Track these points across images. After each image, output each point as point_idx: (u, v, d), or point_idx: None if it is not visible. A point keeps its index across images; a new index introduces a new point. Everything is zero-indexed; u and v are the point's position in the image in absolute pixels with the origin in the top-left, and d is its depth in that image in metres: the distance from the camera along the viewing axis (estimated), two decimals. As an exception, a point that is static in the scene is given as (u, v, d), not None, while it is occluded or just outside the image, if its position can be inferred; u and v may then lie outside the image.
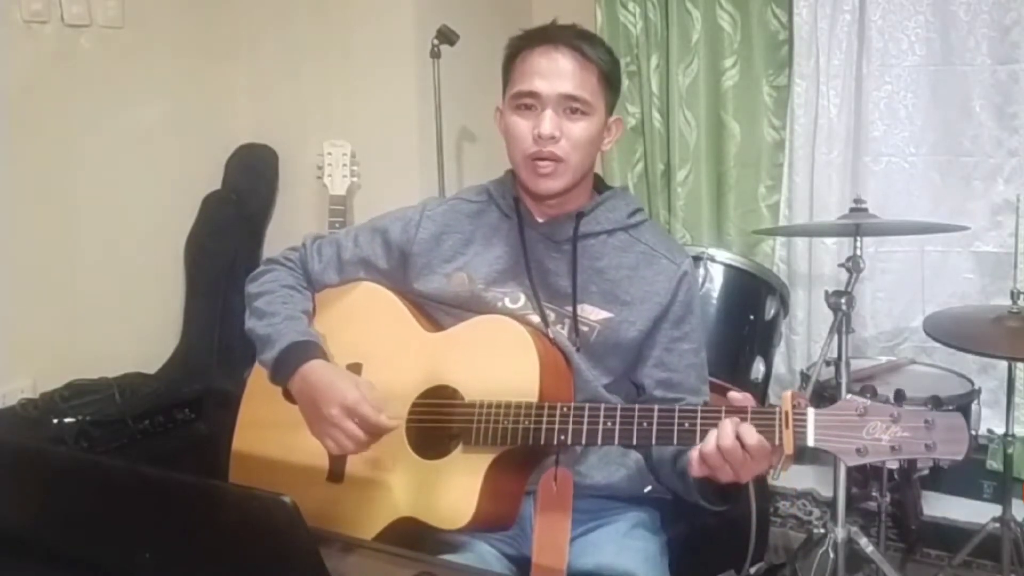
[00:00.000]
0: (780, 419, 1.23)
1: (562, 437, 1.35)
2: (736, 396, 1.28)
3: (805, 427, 1.21)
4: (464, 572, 1.34)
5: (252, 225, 3.01)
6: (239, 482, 1.56)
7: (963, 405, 2.29)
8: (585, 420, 1.34)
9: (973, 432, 2.33)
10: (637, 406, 1.34)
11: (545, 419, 1.36)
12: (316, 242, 1.72)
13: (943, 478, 2.58)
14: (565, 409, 1.35)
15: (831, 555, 2.18)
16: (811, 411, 1.22)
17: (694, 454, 1.28)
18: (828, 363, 2.18)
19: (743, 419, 1.25)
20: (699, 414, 1.29)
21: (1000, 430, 2.43)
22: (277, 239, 3.01)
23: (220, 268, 2.81)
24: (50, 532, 1.08)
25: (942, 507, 2.69)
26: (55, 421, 2.25)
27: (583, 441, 1.35)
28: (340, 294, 1.67)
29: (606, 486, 1.56)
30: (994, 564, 2.44)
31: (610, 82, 1.53)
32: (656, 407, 1.33)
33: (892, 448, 1.17)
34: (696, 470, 1.29)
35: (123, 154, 2.68)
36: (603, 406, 1.35)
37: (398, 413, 1.48)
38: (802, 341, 3.00)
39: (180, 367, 2.76)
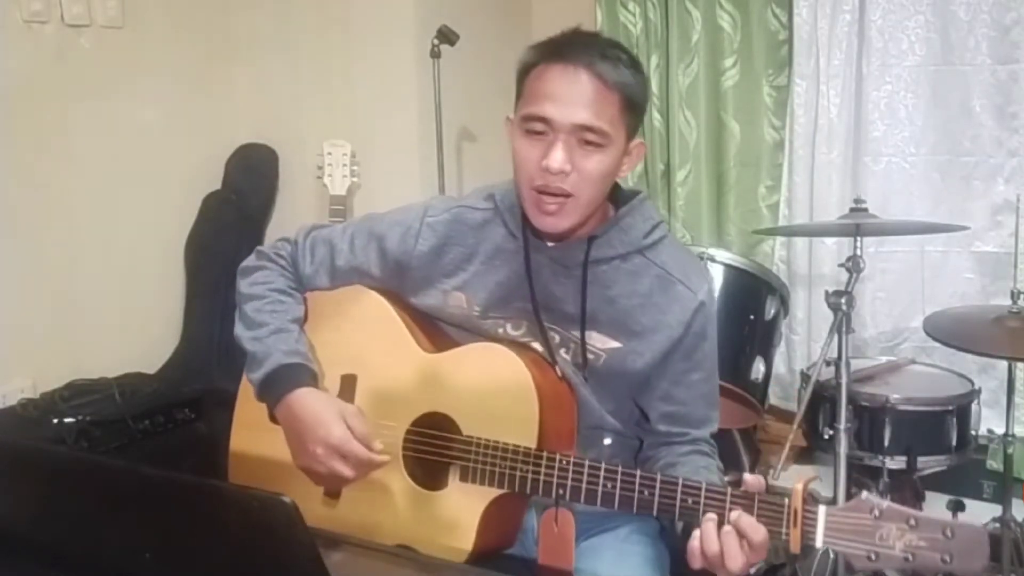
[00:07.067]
0: (788, 515, 1.17)
1: (560, 491, 1.32)
2: (749, 480, 1.21)
3: (815, 527, 1.15)
4: (464, 572, 1.34)
5: (252, 225, 3.01)
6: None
7: (963, 405, 2.29)
8: (584, 479, 1.30)
9: (973, 432, 2.34)
10: (639, 472, 1.28)
11: (543, 470, 1.32)
12: (309, 238, 1.62)
13: (943, 478, 2.58)
14: (565, 463, 1.31)
15: (831, 555, 2.18)
16: (822, 510, 1.15)
17: (694, 545, 1.22)
18: (828, 363, 2.18)
19: (746, 508, 1.19)
20: (703, 493, 1.23)
21: (1000, 430, 2.43)
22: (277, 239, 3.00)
23: (220, 268, 2.80)
24: (50, 532, 1.08)
25: (942, 507, 2.68)
26: (55, 421, 2.25)
27: (581, 500, 1.31)
28: (336, 299, 1.60)
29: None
30: (994, 564, 2.43)
31: (634, 106, 1.38)
32: (659, 476, 1.27)
33: (905, 559, 1.10)
34: (697, 563, 1.22)
35: (123, 154, 2.68)
36: (604, 466, 1.30)
37: (392, 436, 1.45)
38: (802, 341, 3.00)
39: (180, 367, 2.76)
